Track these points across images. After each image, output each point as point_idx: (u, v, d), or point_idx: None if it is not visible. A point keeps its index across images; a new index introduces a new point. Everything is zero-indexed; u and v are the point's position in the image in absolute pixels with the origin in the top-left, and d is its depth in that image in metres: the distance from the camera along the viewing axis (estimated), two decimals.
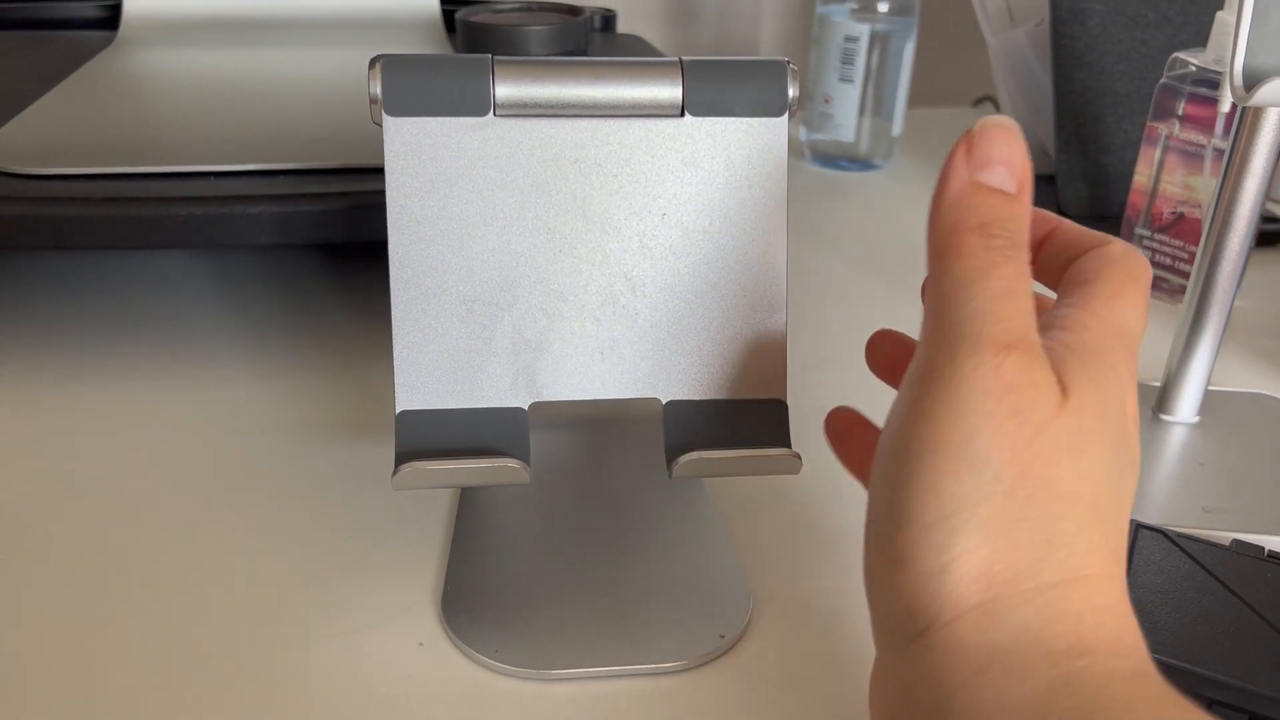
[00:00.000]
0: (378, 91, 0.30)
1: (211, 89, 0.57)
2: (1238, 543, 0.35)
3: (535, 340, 0.32)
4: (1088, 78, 0.66)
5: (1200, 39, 0.55)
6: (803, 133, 0.79)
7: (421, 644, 0.33)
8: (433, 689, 0.31)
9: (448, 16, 0.72)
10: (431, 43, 0.68)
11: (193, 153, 0.46)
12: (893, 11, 0.73)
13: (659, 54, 0.70)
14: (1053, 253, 0.26)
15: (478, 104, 0.31)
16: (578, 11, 0.63)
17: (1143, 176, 0.58)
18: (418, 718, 0.30)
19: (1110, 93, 0.66)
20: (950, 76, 0.97)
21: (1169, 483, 0.41)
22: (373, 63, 0.31)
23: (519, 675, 0.31)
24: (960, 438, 0.21)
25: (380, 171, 0.31)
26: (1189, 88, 0.55)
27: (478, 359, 0.32)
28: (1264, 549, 0.34)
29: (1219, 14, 0.52)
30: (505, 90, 0.31)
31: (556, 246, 0.32)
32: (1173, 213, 0.57)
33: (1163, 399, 0.45)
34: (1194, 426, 0.45)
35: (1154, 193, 0.58)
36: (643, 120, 0.32)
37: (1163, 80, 0.56)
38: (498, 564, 0.36)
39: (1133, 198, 0.59)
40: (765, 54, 0.98)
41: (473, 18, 0.60)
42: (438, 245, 0.31)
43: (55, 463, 0.41)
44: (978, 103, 0.95)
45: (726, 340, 0.33)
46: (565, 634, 0.33)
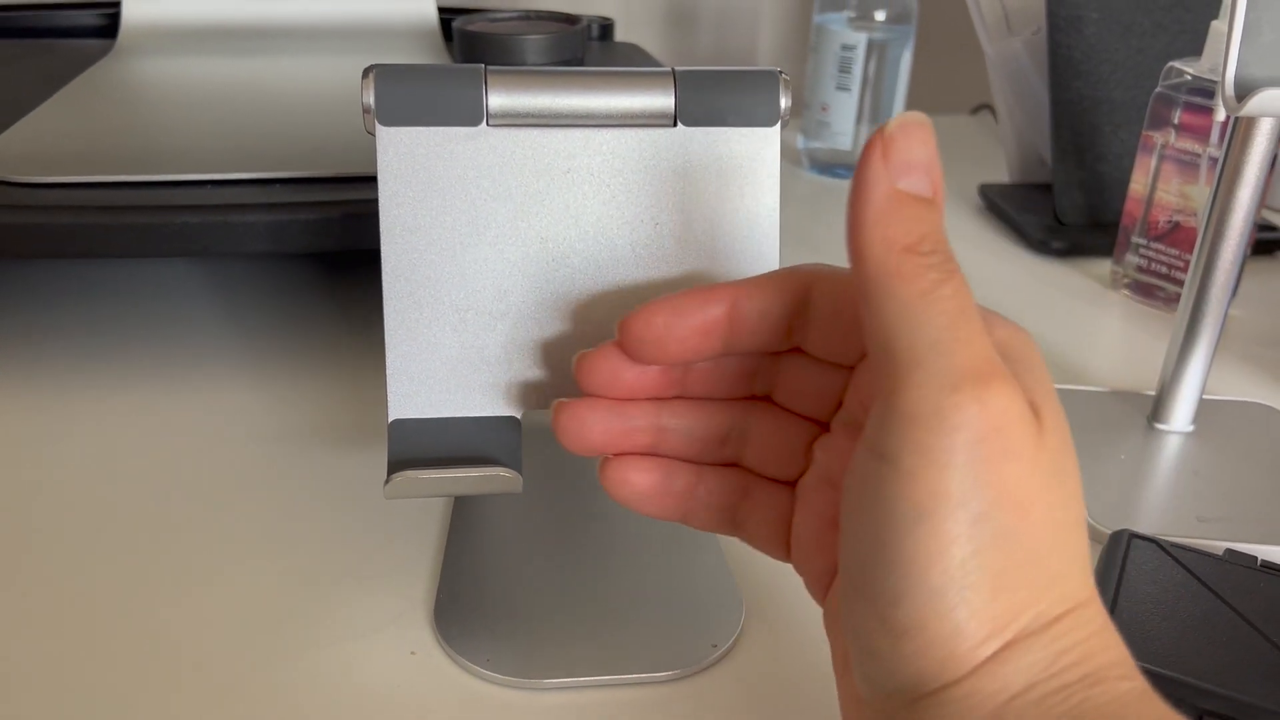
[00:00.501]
0: (371, 101, 0.31)
1: (209, 97, 0.57)
2: (1231, 552, 0.35)
3: (528, 349, 0.32)
4: (1084, 86, 0.66)
5: (1196, 47, 0.55)
6: (800, 141, 0.80)
7: (413, 653, 0.33)
8: (424, 698, 0.31)
9: (446, 25, 0.72)
10: (429, 51, 0.68)
11: (189, 161, 0.46)
12: (890, 20, 0.73)
13: (657, 63, 0.71)
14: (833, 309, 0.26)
15: (471, 114, 0.31)
16: (575, 20, 0.64)
17: (1139, 185, 0.58)
18: None
19: (1107, 101, 0.66)
20: (948, 85, 0.97)
21: (1163, 492, 0.41)
22: (366, 72, 0.31)
23: (510, 685, 0.31)
24: (957, 495, 0.19)
25: (375, 180, 0.31)
26: (1184, 97, 0.55)
27: (470, 368, 0.32)
28: (1257, 559, 0.34)
29: (1214, 23, 0.52)
30: (498, 100, 0.31)
31: (549, 256, 0.32)
32: (1169, 221, 0.57)
33: (1157, 408, 0.45)
34: (1189, 435, 0.45)
35: (1150, 201, 0.58)
36: (636, 130, 0.32)
37: (1158, 89, 0.56)
38: (490, 573, 0.36)
39: (1129, 206, 0.59)
40: (763, 62, 0.99)
41: (470, 26, 0.60)
42: (431, 254, 0.31)
43: (46, 469, 0.41)
44: (975, 111, 0.96)
45: None
46: (557, 643, 0.33)
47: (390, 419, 0.31)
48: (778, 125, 0.32)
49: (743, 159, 0.32)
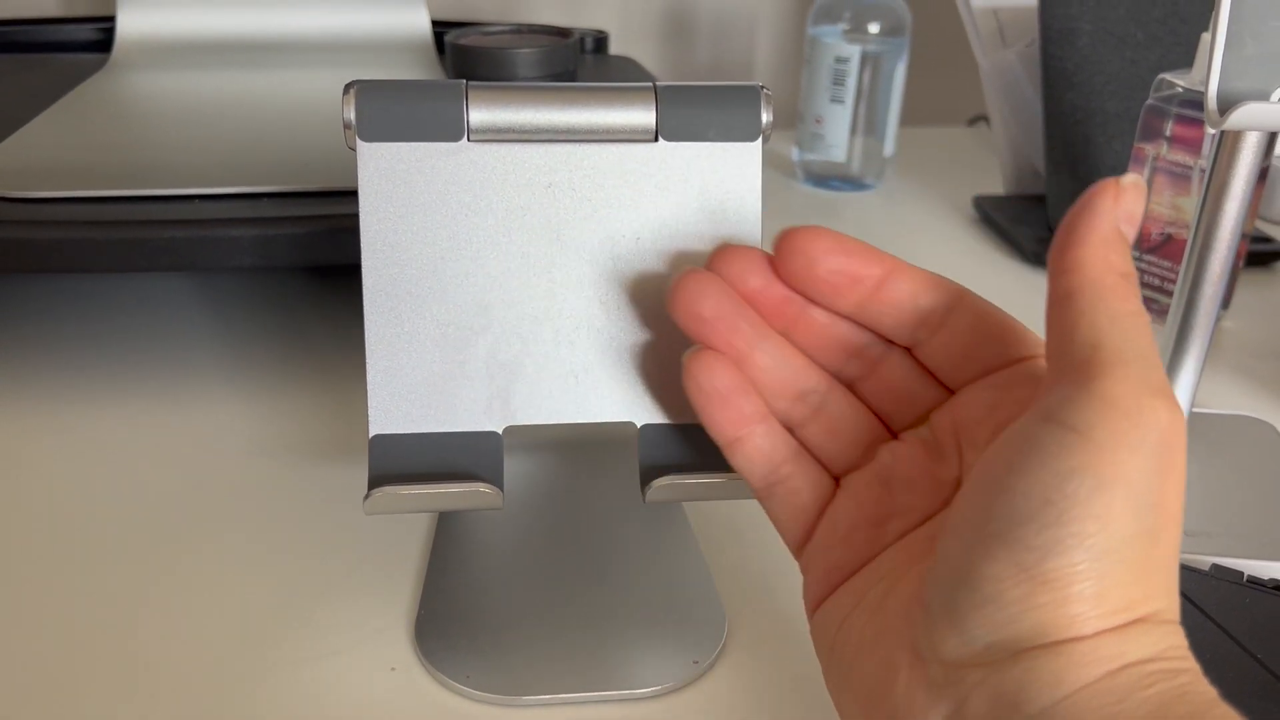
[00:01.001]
0: (351, 117, 0.31)
1: (201, 112, 0.57)
2: (1217, 568, 0.35)
3: (509, 364, 0.32)
4: (1077, 98, 0.66)
5: (1189, 59, 0.55)
6: (794, 153, 0.80)
7: (393, 669, 0.33)
8: (403, 715, 0.31)
9: (439, 39, 0.72)
10: (422, 65, 0.68)
11: (178, 176, 0.47)
12: (884, 32, 0.73)
13: (650, 76, 0.71)
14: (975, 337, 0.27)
15: (452, 129, 0.31)
16: (567, 34, 0.64)
17: None
18: None
19: (1100, 113, 0.66)
20: (942, 97, 0.97)
21: None
22: (347, 88, 0.31)
23: (491, 701, 0.31)
24: (1137, 480, 0.21)
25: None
26: (1176, 109, 0.55)
27: (452, 383, 0.31)
28: (1244, 574, 0.34)
29: (1204, 35, 0.52)
30: (479, 115, 0.31)
31: (531, 270, 0.32)
32: (1161, 234, 0.57)
33: None
34: None
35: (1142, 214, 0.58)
36: (617, 145, 0.32)
37: (1149, 101, 0.56)
38: (472, 588, 0.36)
39: None
40: (759, 74, 0.99)
41: (462, 40, 0.60)
42: (412, 269, 0.31)
43: (34, 482, 0.41)
44: (973, 122, 0.96)
45: None
46: (538, 660, 0.33)
47: (371, 434, 0.31)
48: (759, 140, 0.32)
49: (724, 174, 0.32)
